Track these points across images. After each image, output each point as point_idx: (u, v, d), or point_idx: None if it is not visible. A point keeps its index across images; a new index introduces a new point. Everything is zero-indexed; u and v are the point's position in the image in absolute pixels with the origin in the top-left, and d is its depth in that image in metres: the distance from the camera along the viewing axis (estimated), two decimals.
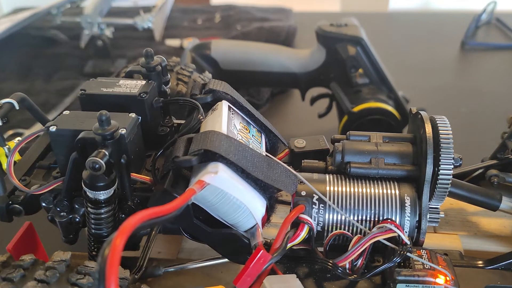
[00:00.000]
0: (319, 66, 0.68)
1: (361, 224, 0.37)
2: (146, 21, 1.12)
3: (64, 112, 0.39)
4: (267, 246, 0.35)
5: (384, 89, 0.66)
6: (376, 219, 0.37)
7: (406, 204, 0.37)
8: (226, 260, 0.41)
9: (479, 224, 0.49)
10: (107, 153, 0.34)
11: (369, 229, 0.37)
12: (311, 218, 0.37)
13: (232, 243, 0.36)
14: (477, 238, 0.48)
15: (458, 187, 0.44)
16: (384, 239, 0.36)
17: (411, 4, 1.52)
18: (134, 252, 0.41)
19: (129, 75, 0.45)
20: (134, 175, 0.38)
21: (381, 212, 0.37)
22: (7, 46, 1.05)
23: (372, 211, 0.37)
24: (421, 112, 0.39)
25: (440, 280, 0.33)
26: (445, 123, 0.37)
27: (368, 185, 0.38)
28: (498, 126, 0.53)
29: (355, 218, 0.37)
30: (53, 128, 0.37)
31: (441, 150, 0.36)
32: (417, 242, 0.38)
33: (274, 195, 0.36)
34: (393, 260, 0.35)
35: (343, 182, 0.39)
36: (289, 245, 0.35)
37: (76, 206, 0.38)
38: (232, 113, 0.39)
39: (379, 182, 0.39)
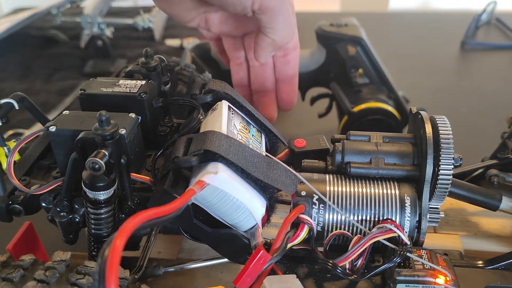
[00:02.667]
0: (319, 66, 0.68)
1: (361, 224, 0.37)
2: (146, 21, 1.12)
3: (64, 112, 0.39)
4: (267, 246, 0.35)
5: (384, 89, 0.66)
6: (376, 219, 0.37)
7: (406, 204, 0.37)
8: (226, 260, 0.41)
9: (479, 224, 0.49)
10: (107, 153, 0.34)
11: (369, 229, 0.37)
12: (311, 218, 0.37)
13: (232, 243, 0.36)
14: (477, 238, 0.48)
15: (458, 187, 0.43)
16: (384, 239, 0.35)
17: (411, 4, 1.52)
18: (134, 252, 0.41)
19: (129, 75, 0.45)
20: (134, 175, 0.38)
21: (381, 212, 0.37)
22: (7, 46, 1.05)
23: (372, 211, 0.37)
24: (421, 112, 0.39)
25: (440, 280, 0.33)
26: (445, 123, 0.37)
27: (368, 185, 0.38)
28: (498, 126, 0.53)
29: (355, 218, 0.37)
30: (53, 128, 0.37)
31: (441, 150, 0.36)
32: (417, 242, 0.38)
33: (274, 195, 0.36)
34: (393, 260, 0.35)
35: (343, 182, 0.39)
36: (289, 245, 0.35)
37: (76, 206, 0.38)
38: (232, 113, 0.39)
39: (379, 182, 0.39)
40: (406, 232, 0.37)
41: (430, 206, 0.38)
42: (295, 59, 0.53)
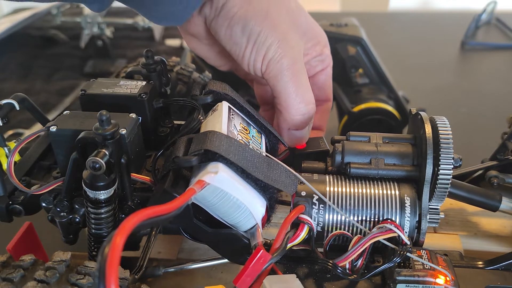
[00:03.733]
0: None
1: (361, 224, 0.37)
2: (146, 21, 1.12)
3: (64, 112, 0.39)
4: (267, 246, 0.35)
5: (384, 89, 0.66)
6: (376, 219, 0.37)
7: (406, 205, 0.37)
8: (226, 260, 0.41)
9: (479, 224, 0.49)
10: (107, 153, 0.34)
11: (369, 229, 0.37)
12: (311, 218, 0.37)
13: (232, 243, 0.36)
14: (477, 238, 0.48)
15: (458, 188, 0.44)
16: (384, 239, 0.36)
17: (411, 4, 1.53)
18: (134, 252, 0.41)
19: (130, 76, 0.45)
20: (134, 175, 0.38)
21: (381, 213, 0.37)
22: (7, 46, 1.05)
23: (372, 212, 0.37)
24: (421, 112, 0.39)
25: (440, 280, 0.33)
26: (445, 124, 0.37)
27: (368, 185, 0.38)
28: (498, 126, 0.53)
29: (355, 219, 0.37)
30: (53, 128, 0.37)
31: (441, 150, 0.36)
32: (417, 242, 0.38)
33: (274, 196, 0.36)
34: (393, 260, 0.35)
35: (343, 182, 0.39)
36: (289, 245, 0.35)
37: (76, 206, 0.38)
38: (232, 114, 0.39)
39: (379, 182, 0.39)
40: (406, 232, 0.37)
41: (430, 206, 0.38)
42: (325, 112, 0.50)
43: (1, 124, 0.39)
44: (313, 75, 0.47)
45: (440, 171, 0.36)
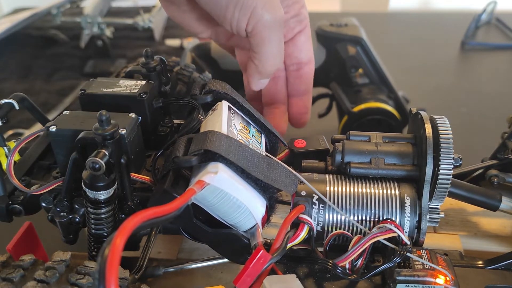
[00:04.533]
0: (319, 66, 0.68)
1: (361, 224, 0.37)
2: (146, 21, 1.12)
3: (64, 112, 0.39)
4: (267, 246, 0.35)
5: (384, 89, 0.66)
6: (376, 219, 0.37)
7: (406, 204, 0.37)
8: (226, 260, 0.41)
9: (479, 224, 0.49)
10: (107, 153, 0.34)
11: (369, 229, 0.37)
12: (311, 218, 0.37)
13: (232, 243, 0.36)
14: (477, 238, 0.48)
15: (458, 187, 0.44)
16: (384, 239, 0.35)
17: (411, 4, 1.53)
18: (134, 252, 0.41)
19: (129, 75, 0.45)
20: (134, 175, 0.38)
21: (381, 212, 0.37)
22: (7, 46, 1.05)
23: (372, 211, 0.37)
24: (421, 112, 0.39)
25: (440, 280, 0.33)
26: (445, 123, 0.37)
27: (368, 185, 0.38)
28: (498, 126, 0.53)
29: (355, 218, 0.37)
30: (53, 128, 0.37)
31: (441, 150, 0.36)
32: (417, 242, 0.38)
33: (274, 195, 0.36)
34: (393, 260, 0.35)
35: (343, 182, 0.39)
36: (289, 245, 0.35)
37: (76, 206, 0.38)
38: (232, 113, 0.39)
39: (379, 182, 0.39)
40: (406, 232, 0.37)
41: (430, 206, 0.38)
42: (309, 74, 0.51)
43: (0, 124, 0.39)
44: (292, 37, 0.48)
45: (440, 170, 0.36)
